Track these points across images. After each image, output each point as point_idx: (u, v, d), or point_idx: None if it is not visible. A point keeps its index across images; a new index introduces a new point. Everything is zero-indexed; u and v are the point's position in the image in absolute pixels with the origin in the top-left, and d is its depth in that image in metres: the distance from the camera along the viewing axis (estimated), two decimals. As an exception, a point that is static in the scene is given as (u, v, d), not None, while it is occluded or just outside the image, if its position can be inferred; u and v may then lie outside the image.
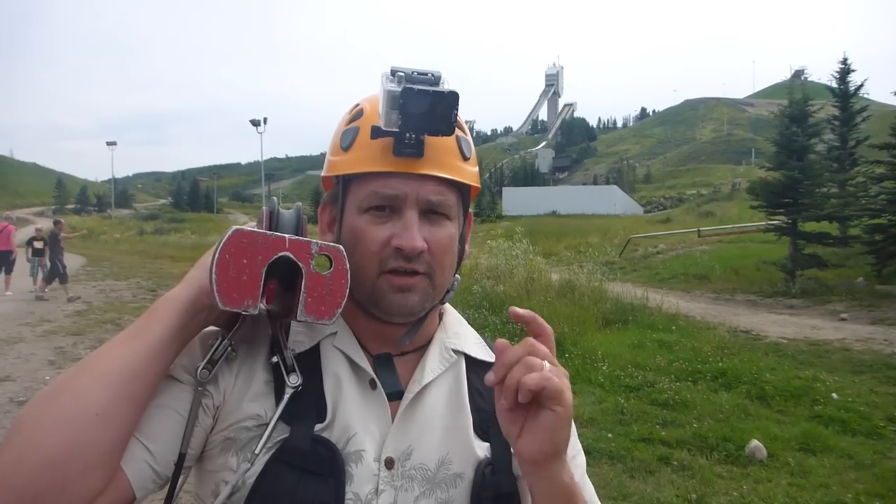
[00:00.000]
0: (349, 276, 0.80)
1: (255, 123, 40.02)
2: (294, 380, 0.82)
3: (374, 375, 0.87)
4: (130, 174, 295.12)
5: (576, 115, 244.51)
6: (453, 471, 0.87)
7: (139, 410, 0.76)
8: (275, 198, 0.91)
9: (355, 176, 0.87)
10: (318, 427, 0.82)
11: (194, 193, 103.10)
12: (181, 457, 0.80)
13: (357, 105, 0.92)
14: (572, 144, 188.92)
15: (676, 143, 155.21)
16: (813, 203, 15.24)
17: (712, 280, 16.76)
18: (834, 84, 21.67)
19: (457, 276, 0.95)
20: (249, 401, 0.83)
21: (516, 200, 60.42)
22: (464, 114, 0.84)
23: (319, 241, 0.80)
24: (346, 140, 0.88)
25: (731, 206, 40.18)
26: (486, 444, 0.90)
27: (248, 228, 0.77)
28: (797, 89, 18.67)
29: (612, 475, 4.68)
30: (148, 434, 0.77)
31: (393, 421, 0.86)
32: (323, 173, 0.94)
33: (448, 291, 0.94)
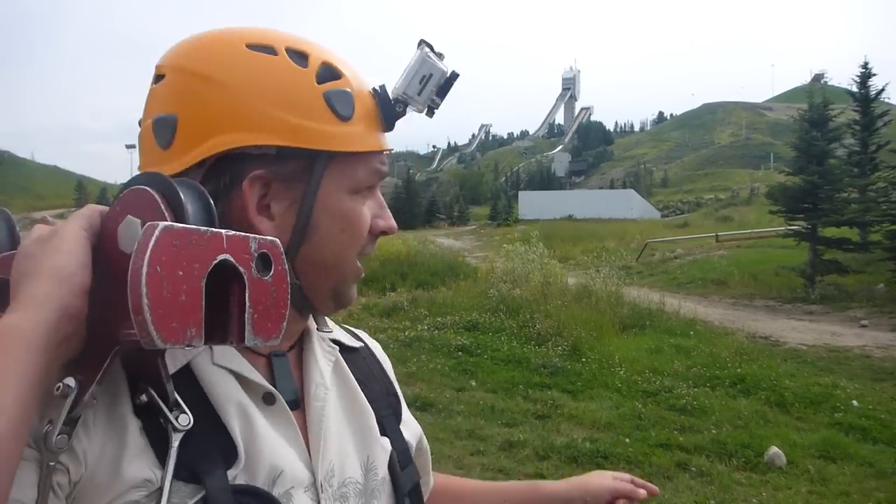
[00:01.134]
0: (289, 277, 0.61)
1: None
2: (185, 420, 0.61)
3: (271, 388, 0.70)
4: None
5: (592, 118, 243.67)
6: (381, 475, 0.77)
7: None
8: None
9: (349, 152, 0.71)
10: (231, 473, 0.63)
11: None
12: None
13: (306, 54, 0.71)
14: (589, 148, 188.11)
15: (694, 147, 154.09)
16: (833, 208, 15.14)
17: (730, 285, 16.62)
18: (854, 88, 21.37)
19: None
20: (131, 461, 0.59)
21: (532, 204, 60.28)
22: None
23: (257, 236, 0.59)
24: (346, 107, 0.70)
25: (750, 211, 39.81)
26: (387, 438, 0.81)
27: (179, 225, 0.54)
28: (817, 93, 18.57)
29: (630, 480, 4.67)
30: None
31: (306, 437, 0.71)
32: (296, 143, 0.68)
33: None
